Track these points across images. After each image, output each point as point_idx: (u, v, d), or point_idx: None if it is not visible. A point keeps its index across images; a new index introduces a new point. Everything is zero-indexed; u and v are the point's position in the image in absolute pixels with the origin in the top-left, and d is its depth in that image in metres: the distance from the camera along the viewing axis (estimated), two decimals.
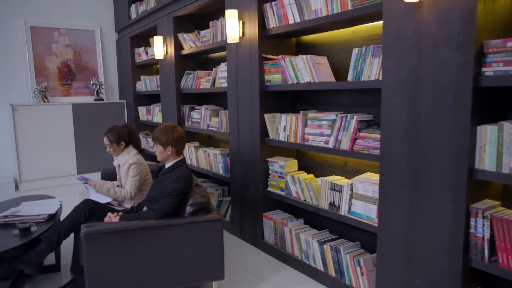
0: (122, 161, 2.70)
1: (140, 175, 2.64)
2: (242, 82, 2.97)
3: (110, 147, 2.71)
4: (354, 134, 2.20)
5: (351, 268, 2.24)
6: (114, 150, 2.72)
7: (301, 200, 2.62)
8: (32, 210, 2.62)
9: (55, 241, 2.25)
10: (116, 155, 2.76)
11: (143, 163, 2.75)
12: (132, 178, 2.61)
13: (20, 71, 5.07)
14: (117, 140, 2.69)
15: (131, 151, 2.73)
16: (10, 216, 2.52)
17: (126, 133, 2.75)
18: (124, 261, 2.00)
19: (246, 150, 3.02)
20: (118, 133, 2.70)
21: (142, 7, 4.68)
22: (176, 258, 2.09)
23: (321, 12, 2.33)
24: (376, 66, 2.04)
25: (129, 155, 2.69)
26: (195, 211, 2.16)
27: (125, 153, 2.72)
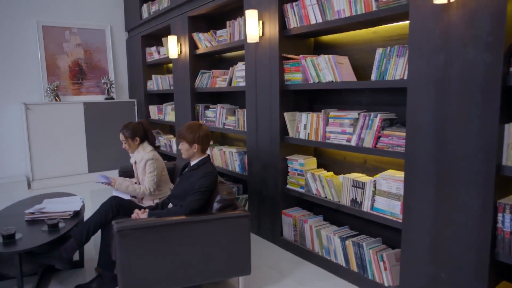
0: (138, 158, 2.75)
1: (157, 171, 2.68)
2: (261, 81, 3.02)
3: (125, 143, 2.77)
4: (377, 132, 2.25)
5: (374, 263, 2.30)
6: (130, 146, 2.77)
7: (322, 197, 2.67)
8: (56, 207, 2.66)
9: (84, 237, 2.30)
10: (132, 151, 2.81)
11: (159, 158, 2.79)
12: (150, 174, 2.66)
13: (33, 70, 5.10)
14: (132, 135, 2.74)
15: (146, 147, 2.78)
16: (36, 213, 2.57)
17: (141, 129, 2.80)
18: (155, 256, 2.04)
19: (264, 148, 3.07)
20: (133, 129, 2.76)
21: (155, 7, 4.71)
22: (204, 253, 2.13)
23: (344, 13, 2.37)
24: (401, 66, 2.09)
25: (145, 152, 2.75)
26: (222, 208, 2.21)
27: (141, 149, 2.77)
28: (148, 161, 2.68)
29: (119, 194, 2.71)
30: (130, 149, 2.79)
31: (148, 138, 2.84)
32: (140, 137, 2.78)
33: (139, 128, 2.79)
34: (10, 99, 4.98)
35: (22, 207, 2.86)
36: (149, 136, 2.84)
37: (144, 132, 2.82)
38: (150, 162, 2.68)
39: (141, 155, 2.73)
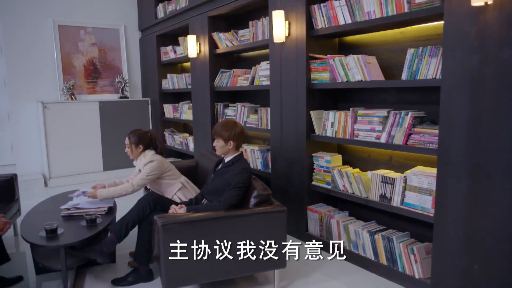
0: (141, 165, 2.77)
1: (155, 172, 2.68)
2: (286, 80, 3.09)
3: (128, 147, 2.79)
4: (408, 130, 2.32)
5: (404, 256, 2.37)
6: (132, 151, 2.79)
7: (349, 193, 2.75)
8: (91, 203, 2.72)
9: (123, 232, 2.36)
10: (133, 157, 2.83)
11: (160, 159, 2.77)
12: (143, 174, 2.67)
13: (49, 69, 5.14)
14: (136, 142, 2.76)
15: (147, 153, 2.78)
16: (72, 208, 2.62)
17: (147, 138, 2.80)
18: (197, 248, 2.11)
19: (289, 145, 3.14)
20: (139, 136, 2.77)
21: (171, 7, 4.77)
22: (243, 246, 2.20)
23: (375, 14, 2.45)
24: (433, 65, 2.16)
25: (145, 158, 2.75)
26: (259, 203, 2.28)
27: (142, 157, 2.78)
28: (148, 163, 2.69)
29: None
30: (131, 155, 2.80)
31: (155, 147, 2.85)
32: (144, 146, 2.78)
33: (146, 136, 2.80)
34: (27, 98, 5.02)
35: (52, 204, 2.92)
36: (157, 145, 2.85)
37: (150, 141, 2.83)
38: (148, 165, 2.69)
39: (143, 162, 2.75)
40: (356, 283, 2.48)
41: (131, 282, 2.46)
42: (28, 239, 2.19)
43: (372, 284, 2.47)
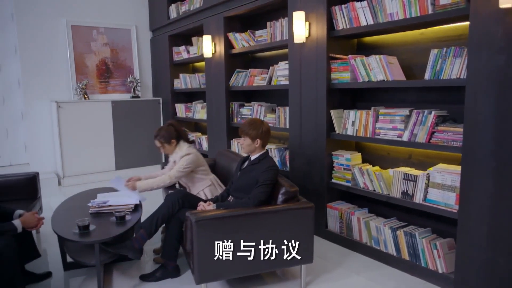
0: (177, 157, 2.86)
1: (191, 165, 2.78)
2: (306, 80, 3.14)
3: (162, 148, 2.88)
4: (431, 128, 2.39)
5: (427, 251, 2.44)
6: (167, 149, 2.88)
7: (370, 190, 2.81)
8: (117, 200, 2.77)
9: (153, 228, 2.41)
10: (171, 153, 2.92)
11: (196, 153, 2.89)
12: (180, 166, 2.76)
13: (62, 68, 5.18)
14: (167, 139, 2.86)
15: (183, 145, 2.89)
16: (100, 205, 2.67)
17: (173, 131, 2.90)
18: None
19: (308, 144, 3.20)
20: (166, 133, 2.87)
21: (184, 7, 4.82)
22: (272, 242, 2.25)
23: (398, 16, 2.50)
24: (457, 65, 2.22)
25: (181, 151, 2.85)
26: (287, 199, 2.34)
27: (178, 149, 2.88)
28: (183, 156, 2.79)
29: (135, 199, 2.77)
30: (168, 152, 2.90)
31: (182, 137, 2.94)
32: (175, 138, 2.88)
33: (171, 130, 2.90)
34: (40, 97, 5.06)
35: (77, 201, 2.97)
36: (182, 135, 2.95)
37: (176, 132, 2.92)
38: (185, 157, 2.79)
39: (179, 154, 2.84)
40: (379, 278, 2.54)
41: (159, 277, 2.51)
42: (63, 235, 2.24)
43: (394, 279, 2.53)
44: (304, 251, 2.33)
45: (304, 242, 2.33)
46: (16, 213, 2.37)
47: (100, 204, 2.68)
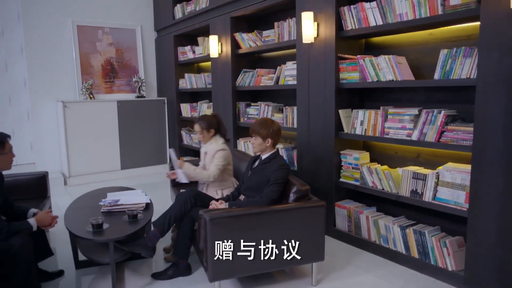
0: (210, 149, 2.90)
1: (225, 162, 2.83)
2: (314, 80, 3.17)
3: (200, 133, 2.93)
4: (441, 127, 2.41)
5: (436, 249, 2.46)
6: (204, 136, 2.93)
7: (378, 189, 2.83)
8: (128, 199, 2.79)
9: (166, 226, 2.44)
10: (205, 142, 2.97)
11: (229, 152, 2.96)
12: (217, 163, 2.80)
13: (67, 68, 5.20)
14: (208, 127, 2.91)
15: (219, 139, 2.94)
16: (112, 204, 2.69)
17: (215, 122, 2.96)
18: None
19: (316, 143, 3.22)
20: (209, 121, 2.93)
21: (190, 7, 4.84)
22: (284, 240, 2.28)
23: (407, 16, 2.53)
24: (467, 65, 2.25)
25: (217, 144, 2.90)
26: (298, 198, 2.37)
27: (213, 141, 2.93)
28: (219, 151, 2.83)
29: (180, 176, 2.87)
30: (203, 139, 2.95)
31: (220, 131, 2.99)
32: (214, 129, 2.94)
33: (213, 120, 2.95)
34: (46, 97, 5.08)
35: (87, 200, 2.99)
36: (221, 129, 2.99)
37: (218, 124, 2.97)
38: (221, 152, 2.83)
39: (213, 146, 2.89)
40: (388, 276, 2.57)
41: (170, 276, 2.54)
42: (77, 234, 2.27)
43: (404, 276, 2.55)
44: (315, 249, 2.36)
45: (315, 240, 2.35)
46: (30, 212, 2.39)
47: (112, 203, 2.70)
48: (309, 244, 2.34)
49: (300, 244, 2.31)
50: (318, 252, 2.38)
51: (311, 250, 2.35)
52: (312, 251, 2.36)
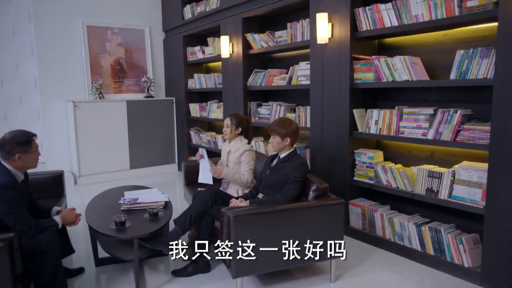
0: (234, 148, 2.95)
1: (253, 162, 2.90)
2: (328, 80, 3.21)
3: (228, 127, 2.98)
4: (457, 126, 2.46)
5: (452, 246, 2.51)
6: (231, 132, 2.98)
7: (393, 187, 2.88)
8: (146, 197, 2.83)
9: (187, 224, 2.48)
10: (229, 138, 3.02)
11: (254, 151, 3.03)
12: (247, 164, 2.87)
13: (77, 68, 5.24)
14: (237, 124, 2.98)
15: (244, 140, 2.99)
16: (131, 202, 2.73)
17: (245, 123, 3.02)
18: (263, 239, 2.23)
19: (330, 142, 3.26)
20: (240, 120, 3.00)
21: (200, 8, 4.88)
22: (304, 238, 2.32)
23: (423, 17, 2.58)
24: (484, 66, 2.29)
25: (242, 143, 2.95)
26: (318, 196, 2.41)
27: (238, 140, 2.98)
28: (246, 151, 2.89)
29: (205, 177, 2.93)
30: (229, 135, 2.99)
31: (247, 134, 3.05)
32: (242, 128, 2.99)
33: (244, 121, 3.02)
34: (56, 97, 5.12)
35: (105, 199, 3.02)
36: (249, 132, 3.05)
37: (247, 127, 3.03)
38: (248, 152, 2.89)
39: (238, 146, 2.94)
40: (404, 272, 2.61)
41: (190, 273, 2.58)
42: (101, 231, 2.30)
43: (420, 273, 2.60)
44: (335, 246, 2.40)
45: (335, 237, 2.39)
46: (53, 210, 2.43)
47: (131, 201, 2.74)
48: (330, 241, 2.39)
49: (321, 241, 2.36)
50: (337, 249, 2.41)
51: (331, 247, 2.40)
52: (332, 247, 2.40)
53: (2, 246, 1.84)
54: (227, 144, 3.09)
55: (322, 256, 2.40)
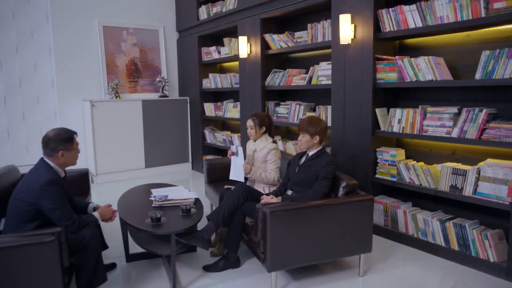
0: (260, 147, 3.01)
1: (279, 160, 2.96)
2: (350, 79, 3.28)
3: (252, 128, 3.04)
4: (482, 125, 2.53)
5: (478, 241, 2.58)
6: (255, 133, 3.04)
7: (416, 184, 2.95)
8: (176, 195, 2.89)
9: (221, 220, 2.54)
10: (255, 138, 3.08)
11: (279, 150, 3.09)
12: (274, 162, 2.93)
13: (94, 68, 5.30)
14: (260, 124, 3.03)
15: (269, 138, 3.06)
16: (162, 199, 2.79)
17: (267, 121, 3.07)
18: (297, 234, 2.29)
19: (352, 141, 3.33)
20: (262, 119, 3.05)
21: (216, 8, 4.94)
22: (335, 233, 2.39)
23: (448, 19, 2.64)
24: (511, 66, 2.37)
25: (267, 142, 3.02)
26: (348, 192, 2.48)
27: (264, 139, 3.04)
28: (272, 150, 2.95)
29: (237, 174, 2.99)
30: (254, 136, 3.05)
31: (270, 131, 3.10)
32: (266, 127, 3.05)
33: (266, 119, 3.07)
34: (73, 97, 5.18)
35: (134, 196, 3.08)
36: (271, 130, 3.11)
37: (269, 124, 3.09)
38: (274, 151, 2.95)
39: (263, 144, 3.00)
40: (429, 267, 2.68)
41: (221, 268, 2.64)
42: (139, 227, 2.36)
43: (445, 268, 2.67)
44: (364, 241, 2.48)
45: (364, 232, 2.47)
46: (90, 206, 2.50)
47: (162, 198, 2.80)
48: (358, 236, 2.46)
49: (351, 236, 2.43)
50: (366, 244, 2.49)
51: (360, 241, 2.47)
52: (361, 242, 2.48)
53: (52, 240, 1.90)
54: (252, 143, 3.15)
55: (353, 250, 2.48)
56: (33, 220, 2.09)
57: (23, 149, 5.12)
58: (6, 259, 1.87)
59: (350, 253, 2.49)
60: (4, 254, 1.87)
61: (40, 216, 2.10)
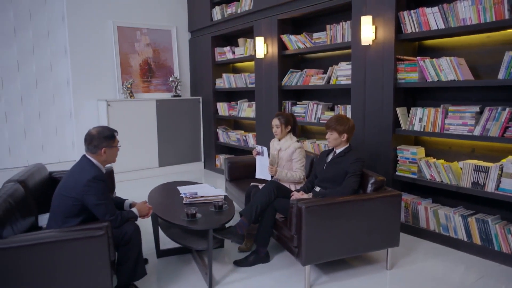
0: (284, 145, 3.09)
1: (304, 159, 3.03)
2: (371, 79, 3.36)
3: (278, 127, 3.11)
4: (505, 123, 2.62)
5: (500, 236, 2.67)
6: (281, 131, 3.11)
7: (437, 181, 3.04)
8: (205, 191, 2.96)
9: (253, 215, 2.61)
10: (280, 137, 3.15)
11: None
12: (299, 161, 3.01)
13: (108, 68, 5.36)
14: (286, 123, 3.11)
15: (293, 137, 3.13)
16: (192, 196, 2.86)
17: (291, 120, 3.15)
18: (330, 228, 2.38)
19: (372, 139, 3.42)
20: (287, 118, 3.13)
21: (230, 9, 5.01)
22: (365, 227, 2.47)
23: (471, 21, 2.74)
24: None
25: (292, 141, 3.09)
26: (376, 188, 2.56)
27: (288, 138, 3.12)
28: (297, 148, 3.03)
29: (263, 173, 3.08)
30: (280, 135, 3.13)
31: (294, 130, 3.18)
32: (291, 126, 3.13)
33: (291, 118, 3.14)
34: (88, 96, 5.23)
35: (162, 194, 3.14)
36: (295, 128, 3.19)
37: (294, 123, 3.16)
38: (299, 150, 3.03)
39: (288, 143, 3.08)
40: (453, 261, 2.77)
41: (252, 263, 2.71)
42: (177, 223, 2.42)
43: (467, 261, 2.76)
44: (392, 235, 2.56)
45: (392, 227, 2.55)
46: (126, 203, 2.56)
47: (193, 195, 2.87)
48: (387, 231, 2.54)
49: (380, 230, 2.52)
50: (394, 238, 2.57)
51: (388, 236, 2.55)
52: (389, 237, 2.56)
53: (102, 234, 1.96)
54: (276, 142, 3.22)
55: (381, 244, 2.56)
56: (78, 215, 2.15)
57: (39, 148, 5.15)
58: (57, 253, 1.93)
59: (378, 247, 2.58)
60: (54, 248, 1.93)
61: (84, 212, 2.16)
